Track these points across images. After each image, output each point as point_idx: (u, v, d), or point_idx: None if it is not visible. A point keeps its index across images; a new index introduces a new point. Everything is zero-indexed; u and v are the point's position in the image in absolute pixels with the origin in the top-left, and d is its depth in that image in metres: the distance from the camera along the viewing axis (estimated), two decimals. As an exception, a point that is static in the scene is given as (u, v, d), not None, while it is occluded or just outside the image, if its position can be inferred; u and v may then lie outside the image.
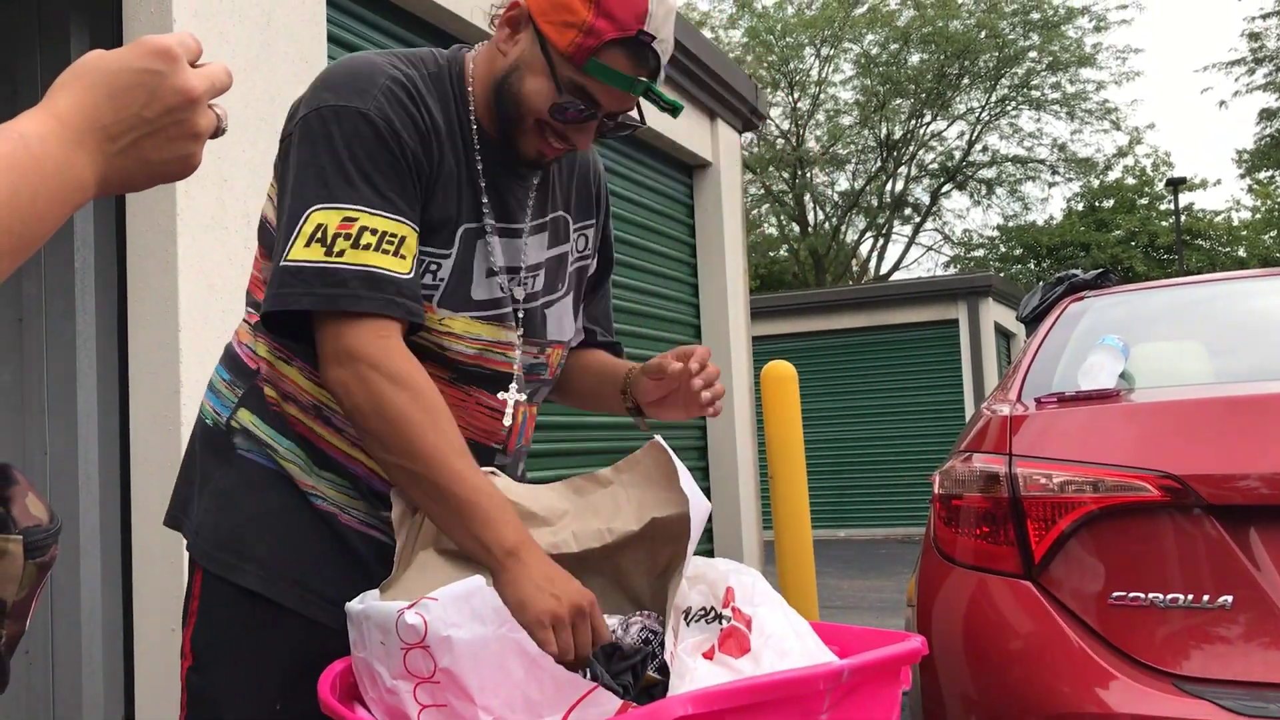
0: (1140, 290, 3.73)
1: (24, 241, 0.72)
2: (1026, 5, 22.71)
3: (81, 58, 0.81)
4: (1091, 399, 2.66)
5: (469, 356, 1.52)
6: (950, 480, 2.68)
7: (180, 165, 0.84)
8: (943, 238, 27.13)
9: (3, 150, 0.72)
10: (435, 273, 1.49)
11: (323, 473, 1.52)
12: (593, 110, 1.48)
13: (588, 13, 1.41)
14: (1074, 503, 2.42)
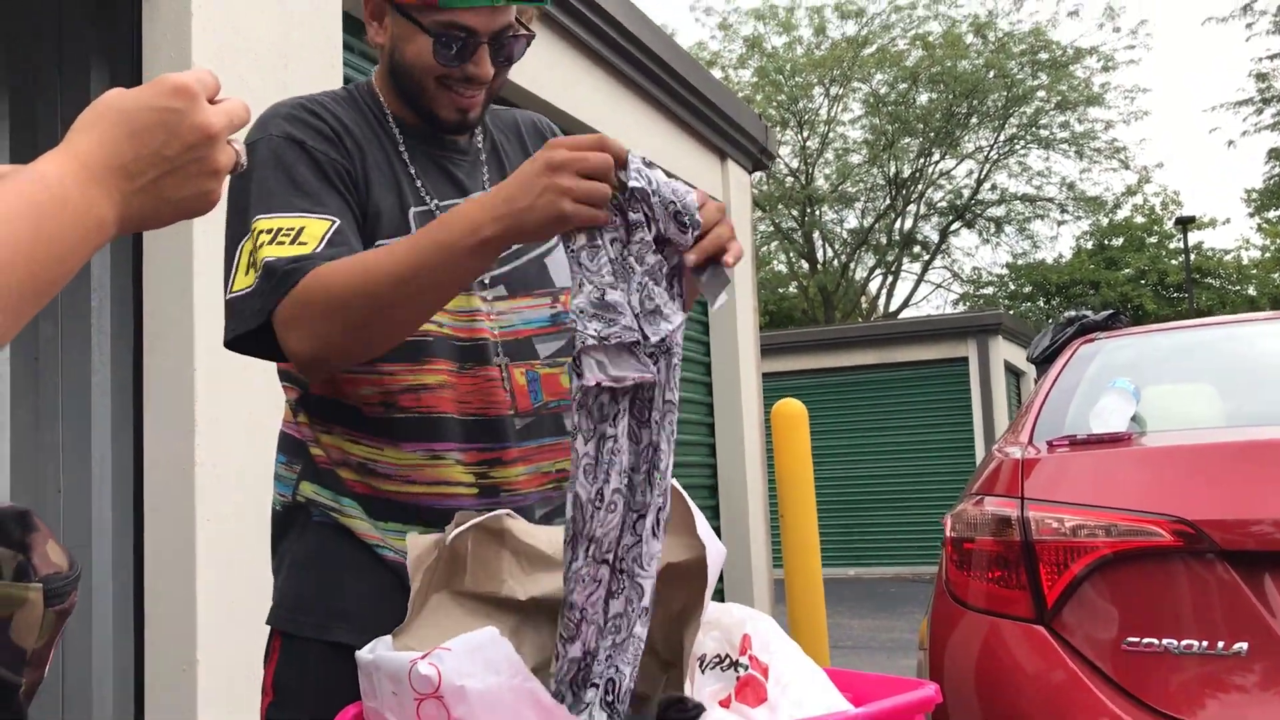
0: (1151, 332, 3.73)
1: (48, 282, 0.73)
2: (1034, 45, 22.85)
3: (101, 96, 0.82)
4: (1104, 442, 2.66)
5: (456, 329, 1.53)
6: (962, 523, 2.68)
7: (200, 201, 0.84)
8: (952, 275, 27.17)
9: (24, 191, 0.72)
10: None
11: (385, 524, 1.54)
12: (471, 37, 1.50)
13: None
14: (1087, 547, 2.41)
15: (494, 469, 1.54)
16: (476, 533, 1.47)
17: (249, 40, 3.47)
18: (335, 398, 1.54)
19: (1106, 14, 23.36)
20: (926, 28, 23.46)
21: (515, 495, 1.55)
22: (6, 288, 0.69)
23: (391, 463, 1.52)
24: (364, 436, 1.53)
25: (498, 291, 1.57)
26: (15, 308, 0.70)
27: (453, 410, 1.52)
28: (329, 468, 1.56)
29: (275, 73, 3.51)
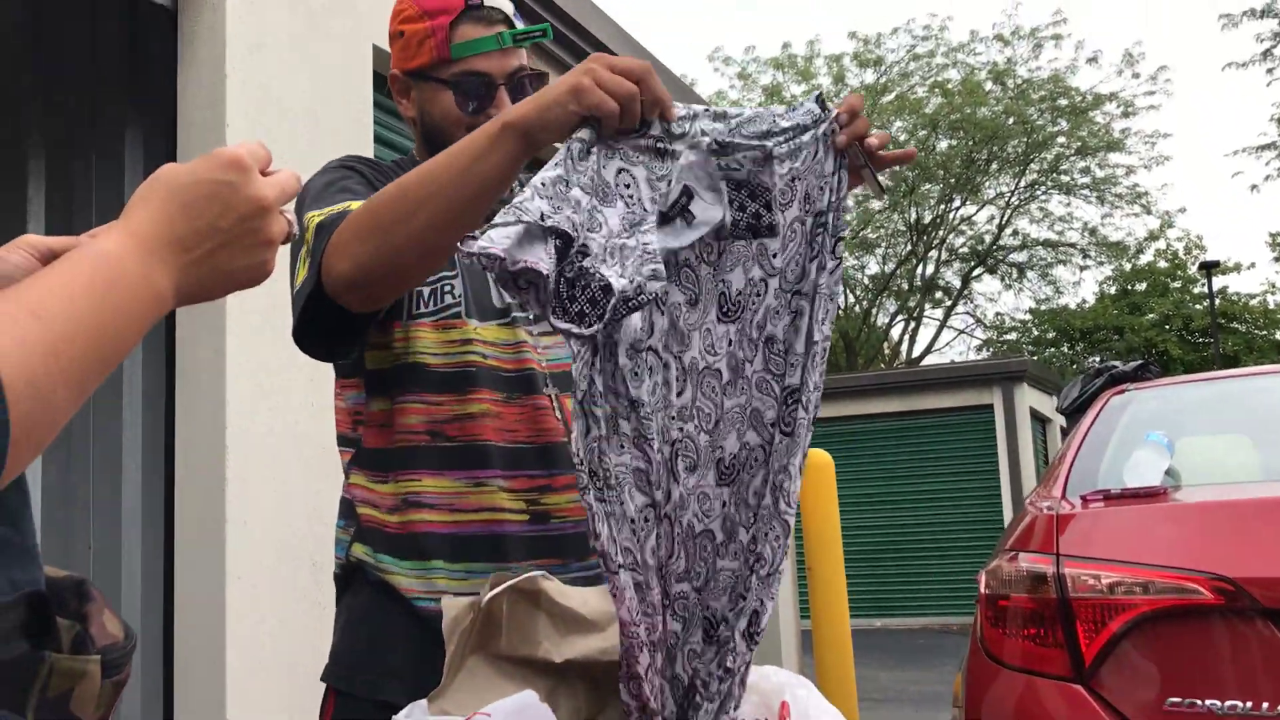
0: (1183, 383, 3.71)
1: (110, 356, 0.74)
2: (1054, 92, 22.92)
3: (155, 172, 0.83)
4: (1139, 497, 2.63)
5: (504, 361, 1.58)
6: (996, 580, 2.65)
7: (254, 272, 0.85)
8: (975, 321, 27.10)
9: (86, 267, 0.74)
10: (450, 291, 1.58)
11: (432, 563, 1.56)
12: (487, 79, 1.60)
13: (424, 23, 1.60)
14: (1125, 604, 2.38)
15: (545, 495, 1.57)
16: (511, 595, 1.46)
17: (281, 98, 3.52)
18: (384, 446, 1.58)
19: (1126, 60, 23.30)
20: (945, 75, 23.59)
21: (566, 522, 1.58)
22: (71, 361, 0.70)
23: (434, 492, 1.55)
24: (407, 473, 1.56)
25: (543, 327, 1.62)
26: (79, 382, 0.71)
27: (496, 439, 1.56)
28: (374, 527, 1.59)
29: (307, 129, 3.56)
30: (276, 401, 3.34)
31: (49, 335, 0.68)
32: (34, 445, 0.68)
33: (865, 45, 23.90)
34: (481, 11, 1.60)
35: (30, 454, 0.69)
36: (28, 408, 0.66)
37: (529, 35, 1.63)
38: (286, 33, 3.58)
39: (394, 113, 4.31)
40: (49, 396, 0.68)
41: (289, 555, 3.32)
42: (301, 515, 3.35)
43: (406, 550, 1.56)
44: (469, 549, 1.56)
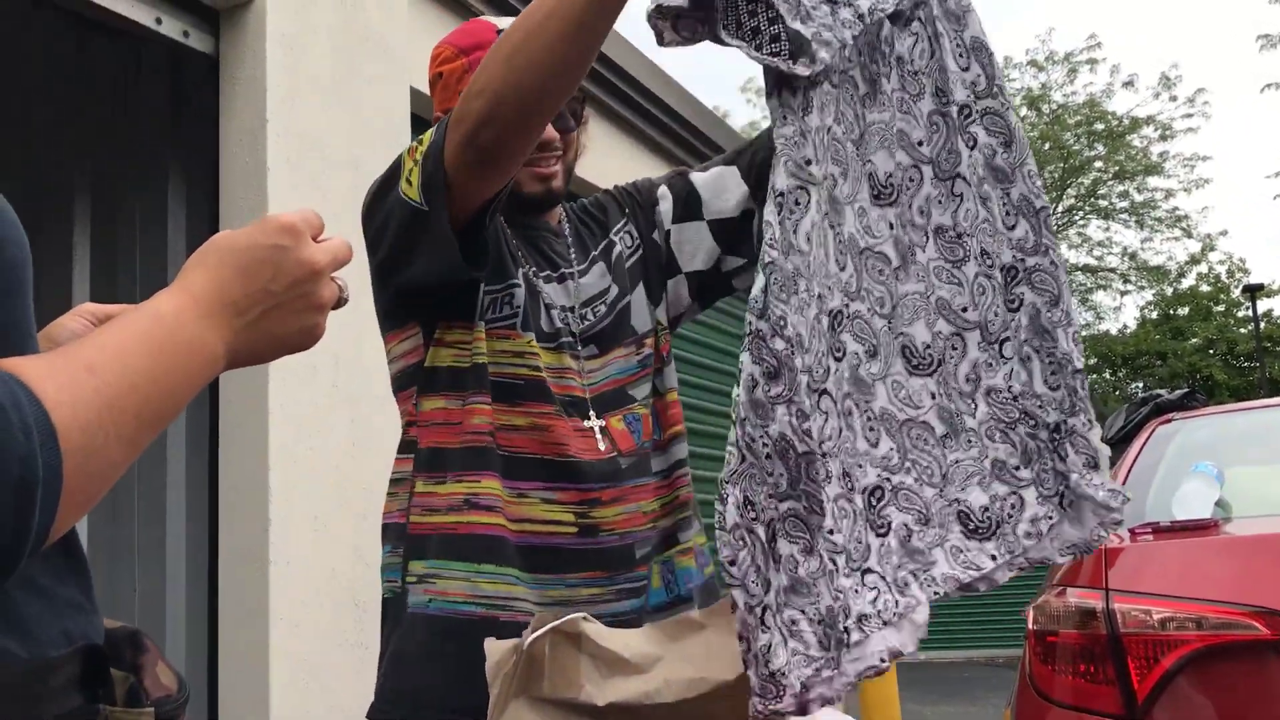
0: (1229, 412, 3.65)
1: (164, 414, 0.75)
2: (1090, 116, 22.78)
3: (212, 237, 0.85)
4: (1189, 530, 2.59)
5: (552, 384, 1.60)
6: (1045, 615, 2.61)
7: (305, 336, 0.87)
8: (1014, 348, 26.84)
9: (142, 328, 0.75)
10: (511, 301, 1.60)
11: (482, 566, 1.56)
12: None
13: (460, 60, 1.62)
14: (1177, 640, 2.34)
15: (594, 509, 1.57)
16: (553, 637, 1.46)
17: (322, 143, 3.57)
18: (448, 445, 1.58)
19: (1162, 83, 23.11)
20: (980, 103, 23.54)
21: (613, 535, 1.58)
22: (124, 416, 0.71)
23: (492, 494, 1.56)
24: (471, 473, 1.57)
25: (590, 350, 1.64)
26: (133, 438, 0.72)
27: (543, 452, 1.57)
28: (428, 533, 1.58)
29: (346, 174, 3.60)
30: (317, 443, 3.36)
31: (104, 390, 0.70)
32: (86, 498, 0.69)
33: (898, 74, 23.90)
34: None
35: (83, 507, 0.70)
36: (80, 460, 0.67)
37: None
38: (326, 79, 3.64)
39: (431, 153, 4.35)
40: (102, 450, 0.69)
41: (331, 596, 3.34)
42: (343, 556, 3.36)
43: (463, 551, 1.56)
44: (518, 557, 1.56)
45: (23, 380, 0.66)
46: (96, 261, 3.90)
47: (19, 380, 0.66)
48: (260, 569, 3.15)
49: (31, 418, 0.64)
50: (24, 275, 0.75)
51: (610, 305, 1.69)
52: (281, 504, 3.21)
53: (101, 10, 3.18)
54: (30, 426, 0.64)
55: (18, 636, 0.72)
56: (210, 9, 3.47)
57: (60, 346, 0.73)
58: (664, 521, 1.67)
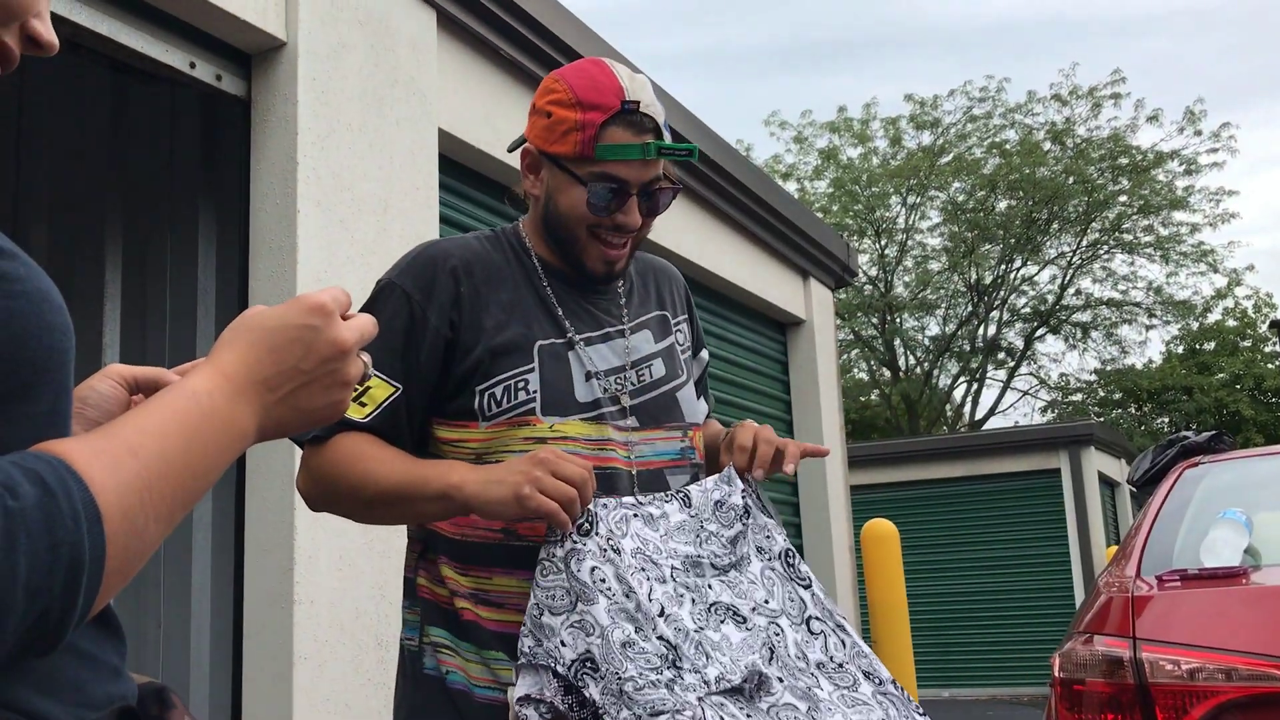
0: (1258, 455, 3.62)
1: (197, 491, 0.78)
2: (1114, 151, 22.74)
3: (243, 314, 0.88)
4: (1217, 578, 2.56)
5: (589, 458, 1.57)
6: (1071, 663, 2.59)
7: (331, 410, 0.89)
8: (1039, 382, 26.70)
9: (178, 407, 0.78)
10: (526, 387, 1.58)
11: (493, 653, 1.57)
12: (622, 187, 1.59)
13: (575, 113, 1.57)
14: (1207, 691, 2.31)
15: None
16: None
17: (351, 185, 3.61)
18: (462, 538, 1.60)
19: (1187, 118, 23.04)
20: (1003, 136, 23.53)
21: None
22: (162, 497, 0.74)
23: (500, 590, 1.56)
24: (475, 568, 1.58)
25: (631, 422, 1.63)
26: (169, 516, 0.75)
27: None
28: (450, 610, 1.60)
29: (375, 215, 3.64)
30: (344, 481, 3.38)
31: (145, 472, 0.72)
32: (125, 575, 0.72)
33: (921, 108, 23.93)
34: (635, 117, 1.58)
35: (121, 583, 0.72)
36: (124, 542, 0.70)
37: (674, 154, 1.61)
38: (356, 121, 3.68)
39: (459, 194, 4.40)
40: (142, 531, 0.72)
41: (355, 635, 3.34)
42: (368, 595, 3.37)
43: (472, 636, 1.58)
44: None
45: (71, 465, 0.68)
46: (127, 301, 3.95)
47: (68, 466, 0.68)
48: (285, 609, 3.16)
49: (80, 503, 0.67)
50: (69, 360, 0.77)
51: (660, 381, 1.69)
52: (307, 544, 3.22)
53: (136, 55, 3.24)
54: (80, 513, 0.67)
55: (61, 701, 0.75)
56: (243, 53, 3.53)
57: (102, 426, 0.75)
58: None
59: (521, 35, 4.55)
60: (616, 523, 1.49)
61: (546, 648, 1.41)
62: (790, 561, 1.62)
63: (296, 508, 3.19)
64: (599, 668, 1.38)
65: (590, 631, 1.40)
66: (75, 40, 3.14)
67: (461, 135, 4.25)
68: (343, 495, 1.55)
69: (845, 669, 1.56)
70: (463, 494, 1.45)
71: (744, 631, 1.50)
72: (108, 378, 1.02)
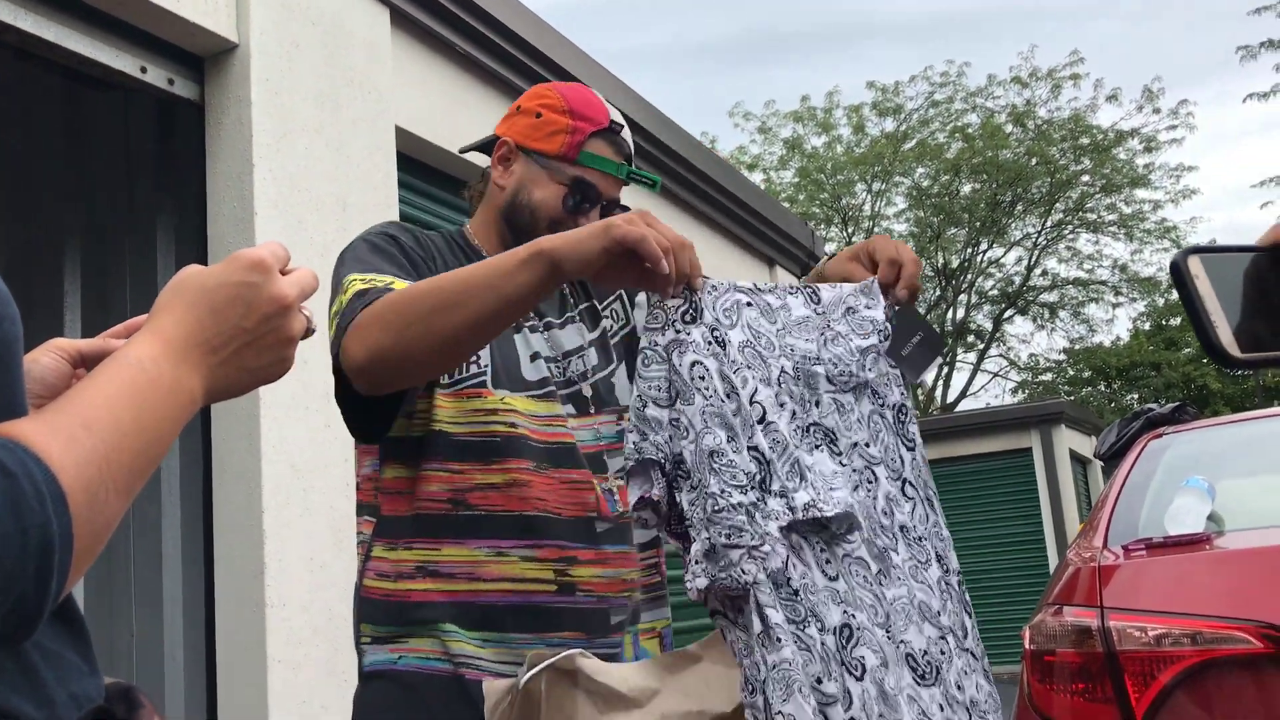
0: (1220, 424, 3.67)
1: (150, 460, 0.77)
2: (1075, 131, 22.91)
3: (179, 275, 0.86)
4: (1181, 545, 2.60)
5: (536, 432, 1.60)
6: (1041, 635, 2.61)
7: (277, 368, 0.88)
8: (1008, 363, 26.90)
9: (124, 379, 0.76)
10: (477, 361, 1.61)
11: (444, 627, 1.57)
12: (596, 193, 1.69)
13: (567, 118, 1.68)
14: (1173, 656, 2.34)
15: (572, 567, 1.58)
16: (550, 674, 1.46)
17: (308, 185, 3.59)
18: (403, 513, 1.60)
19: (1146, 96, 23.23)
20: (965, 120, 23.66)
21: (590, 596, 1.59)
22: (119, 469, 0.73)
23: (450, 561, 1.56)
24: (422, 540, 1.58)
25: (568, 410, 1.65)
26: (127, 488, 0.74)
27: (522, 508, 1.57)
28: (374, 598, 1.60)
29: (334, 215, 3.62)
30: (311, 482, 3.36)
31: (101, 446, 0.72)
32: (91, 554, 0.71)
33: (884, 94, 24.01)
34: (618, 139, 1.71)
35: (89, 561, 0.72)
36: (88, 517, 0.69)
37: (640, 179, 1.74)
38: (312, 121, 3.66)
39: (419, 191, 4.38)
40: (103, 505, 0.71)
41: (328, 637, 3.33)
42: (339, 596, 3.36)
43: (411, 619, 1.58)
44: (489, 618, 1.57)
45: (28, 446, 0.67)
46: (87, 307, 3.92)
47: (24, 447, 0.67)
48: (257, 612, 3.15)
49: (43, 484, 0.66)
50: (17, 349, 0.76)
51: (592, 371, 1.71)
52: (276, 546, 3.21)
53: (86, 61, 3.21)
54: (44, 494, 0.66)
55: (34, 701, 0.74)
56: (194, 56, 3.50)
57: (51, 404, 0.74)
58: (639, 595, 1.68)
59: (477, 31, 4.54)
60: (725, 310, 1.37)
61: (654, 441, 1.30)
62: (902, 418, 1.51)
63: (265, 510, 3.18)
64: (690, 475, 1.29)
65: (685, 434, 1.29)
66: (23, 47, 3.11)
67: (419, 132, 4.24)
68: (418, 315, 1.38)
69: (923, 544, 1.48)
70: (553, 252, 1.32)
71: (837, 465, 1.40)
72: (50, 351, 1.00)
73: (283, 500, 3.26)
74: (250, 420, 3.24)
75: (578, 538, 1.58)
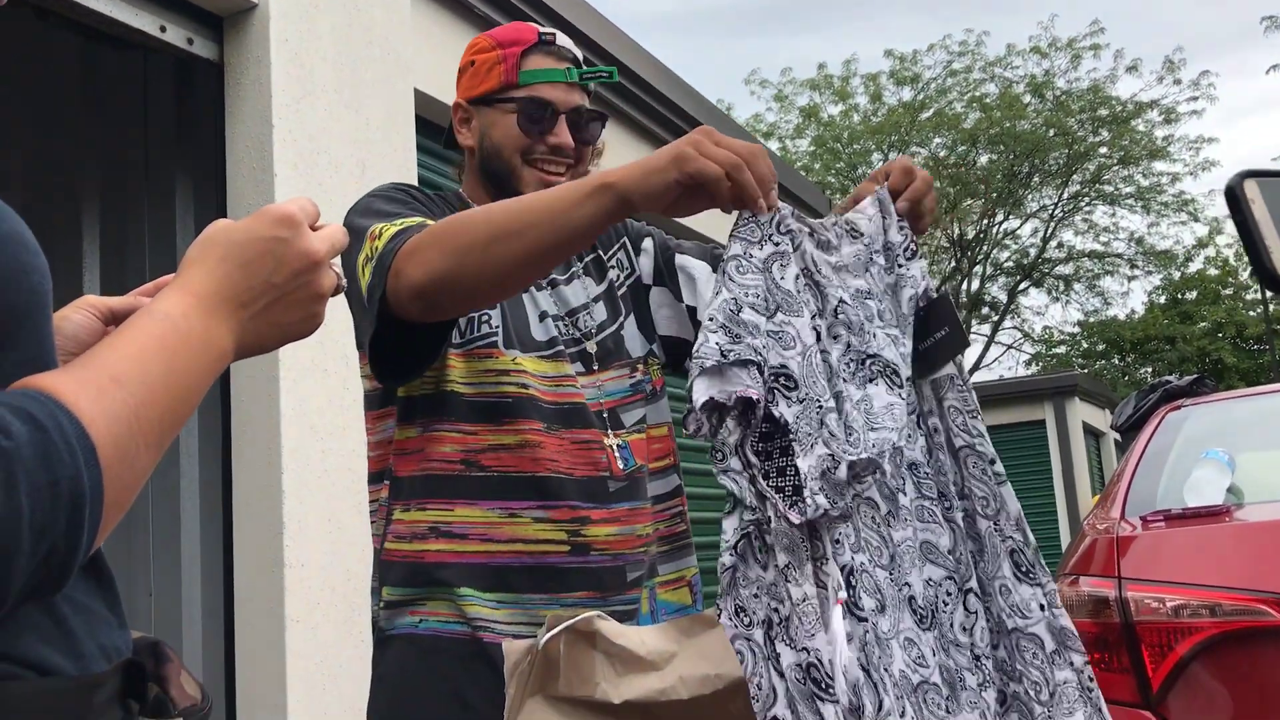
0: (1239, 397, 3.65)
1: (182, 414, 0.77)
2: (1094, 102, 22.70)
3: (208, 229, 0.85)
4: (1200, 517, 2.59)
5: (546, 394, 1.59)
6: (1057, 604, 2.61)
7: (307, 324, 0.88)
8: (1023, 335, 26.81)
9: (154, 333, 0.76)
10: (488, 321, 1.60)
11: (460, 590, 1.56)
12: (551, 106, 1.65)
13: (496, 50, 1.67)
14: (1191, 628, 2.34)
15: (585, 528, 1.57)
16: (568, 635, 1.47)
17: (327, 147, 3.58)
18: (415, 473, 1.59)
19: (1166, 67, 22.98)
20: (983, 90, 23.46)
21: (605, 555, 1.58)
22: (149, 424, 0.72)
23: (465, 522, 1.56)
24: (436, 500, 1.57)
25: (577, 367, 1.64)
26: (158, 442, 0.74)
27: (535, 469, 1.56)
28: (393, 560, 1.60)
29: (353, 178, 3.61)
30: (330, 444, 3.37)
31: (131, 400, 0.71)
32: (122, 508, 0.71)
33: (901, 63, 23.82)
34: (553, 47, 1.67)
35: (118, 515, 0.71)
36: (118, 471, 0.69)
37: (595, 75, 1.70)
38: (331, 83, 3.65)
39: (437, 155, 4.36)
40: (134, 459, 0.71)
41: (346, 597, 3.35)
42: (358, 557, 3.37)
43: (435, 578, 1.57)
44: (503, 579, 1.56)
45: (59, 399, 0.67)
46: (106, 269, 3.92)
47: (55, 400, 0.67)
48: (276, 572, 3.17)
49: (74, 437, 0.66)
50: (46, 300, 0.76)
51: (600, 327, 1.69)
52: (295, 507, 3.22)
53: (106, 20, 3.19)
54: (74, 446, 0.66)
55: (64, 652, 0.74)
56: (214, 15, 3.48)
57: (80, 357, 0.74)
58: (654, 548, 1.66)
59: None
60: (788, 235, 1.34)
61: (750, 344, 1.23)
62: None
63: (284, 471, 3.19)
64: (797, 386, 1.25)
65: (790, 345, 1.25)
66: (42, 6, 3.09)
67: (438, 95, 4.21)
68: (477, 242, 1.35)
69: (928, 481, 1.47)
70: (621, 181, 1.29)
71: (895, 397, 1.36)
72: (81, 308, 1.00)
73: (302, 462, 3.27)
74: (270, 382, 3.25)
75: (590, 498, 1.58)
